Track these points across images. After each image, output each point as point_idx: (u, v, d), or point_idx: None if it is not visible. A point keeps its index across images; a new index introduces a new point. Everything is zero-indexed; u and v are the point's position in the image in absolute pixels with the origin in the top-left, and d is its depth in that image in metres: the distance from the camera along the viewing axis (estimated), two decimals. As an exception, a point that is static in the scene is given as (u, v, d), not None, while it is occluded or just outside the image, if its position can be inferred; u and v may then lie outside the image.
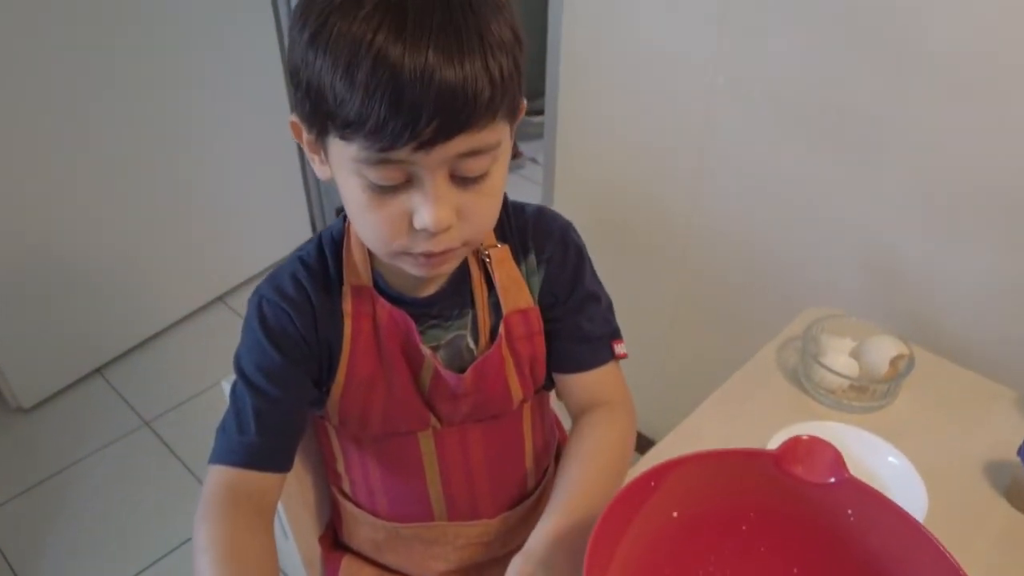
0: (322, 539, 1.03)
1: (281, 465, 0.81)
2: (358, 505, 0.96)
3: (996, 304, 1.22)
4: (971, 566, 0.60)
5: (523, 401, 0.91)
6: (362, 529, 0.97)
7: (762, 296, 1.54)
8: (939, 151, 1.19)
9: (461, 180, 0.69)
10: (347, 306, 0.83)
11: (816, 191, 1.37)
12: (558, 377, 0.93)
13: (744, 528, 0.74)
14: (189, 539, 1.78)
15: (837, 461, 0.69)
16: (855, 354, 1.02)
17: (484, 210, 0.73)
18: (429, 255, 0.72)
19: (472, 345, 0.86)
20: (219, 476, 0.77)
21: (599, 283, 0.94)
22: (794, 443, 0.70)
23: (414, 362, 0.84)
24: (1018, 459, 0.88)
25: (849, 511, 0.69)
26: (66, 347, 2.19)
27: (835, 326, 1.07)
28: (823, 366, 0.99)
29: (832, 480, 0.69)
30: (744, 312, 1.59)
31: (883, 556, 0.68)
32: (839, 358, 1.00)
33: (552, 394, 1.00)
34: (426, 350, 0.83)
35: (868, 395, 1.00)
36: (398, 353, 0.83)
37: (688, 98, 1.47)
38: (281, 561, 1.06)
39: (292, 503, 0.98)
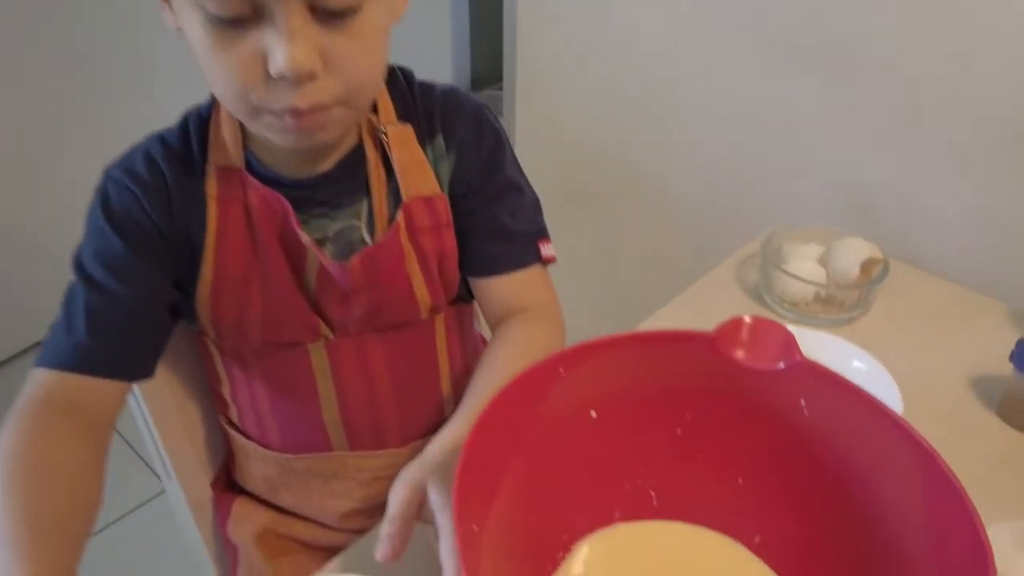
0: (215, 482, 0.90)
1: (120, 372, 0.67)
2: (247, 436, 0.83)
3: (982, 235, 1.10)
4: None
5: (434, 311, 0.78)
6: (254, 465, 0.84)
7: (733, 226, 1.42)
8: (919, 75, 1.06)
9: (325, 16, 0.57)
10: (211, 188, 0.69)
11: (789, 118, 1.24)
12: (475, 282, 0.80)
13: (679, 432, 0.61)
14: (113, 522, 1.65)
15: (787, 343, 0.56)
16: (822, 261, 0.89)
17: (357, 56, 0.60)
18: (296, 113, 0.60)
19: (368, 239, 0.73)
20: (40, 380, 0.64)
21: (523, 175, 0.81)
22: (735, 323, 0.57)
23: (295, 256, 0.71)
24: (1012, 367, 0.76)
25: (802, 401, 0.56)
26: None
27: (800, 234, 0.94)
28: (786, 273, 0.86)
29: (781, 366, 0.56)
30: (714, 245, 1.47)
31: (844, 453, 0.55)
32: (804, 264, 0.87)
33: (480, 313, 0.87)
34: (306, 238, 0.69)
35: (837, 306, 0.87)
36: (275, 245, 0.70)
37: (652, 29, 1.34)
38: (169, 505, 0.93)
39: (174, 439, 0.85)
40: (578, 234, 1.76)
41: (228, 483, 0.90)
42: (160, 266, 0.69)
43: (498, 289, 0.78)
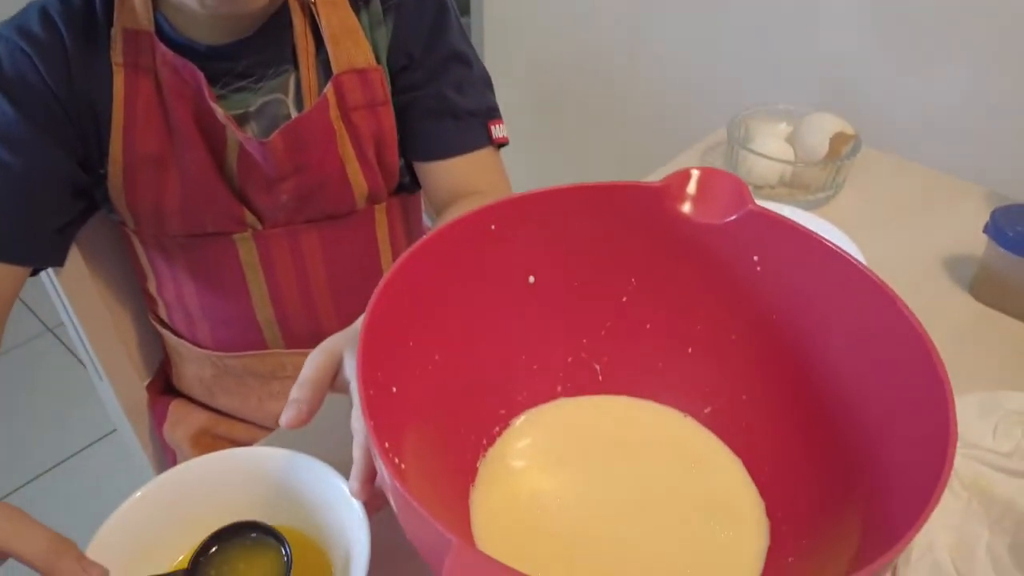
0: (151, 385, 0.85)
1: (13, 255, 0.62)
2: (177, 335, 0.78)
3: (969, 123, 1.05)
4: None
5: (373, 200, 0.72)
6: (188, 366, 0.80)
7: (705, 120, 1.36)
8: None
9: None
10: (116, 55, 0.63)
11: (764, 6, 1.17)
12: (419, 168, 0.74)
13: (624, 300, 0.56)
14: (88, 445, 1.62)
15: (738, 192, 0.51)
16: (790, 140, 0.84)
17: None
18: None
19: (295, 114, 0.67)
20: None
21: (470, 46, 0.74)
22: (682, 175, 0.52)
23: (213, 136, 0.65)
24: (986, 241, 0.71)
25: (755, 257, 0.51)
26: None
27: (767, 113, 0.88)
28: (752, 152, 0.81)
29: (733, 218, 0.51)
30: (686, 140, 1.42)
31: (799, 309, 0.50)
32: (771, 143, 0.82)
33: (424, 204, 0.82)
34: (221, 113, 0.63)
35: (805, 187, 0.82)
36: (190, 122, 0.64)
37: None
38: (104, 409, 0.88)
39: (105, 339, 0.80)
40: (551, 144, 1.70)
41: (165, 386, 0.85)
42: (59, 139, 0.63)
43: (445, 173, 0.73)
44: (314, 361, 0.49)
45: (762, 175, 0.82)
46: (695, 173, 0.52)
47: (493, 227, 0.51)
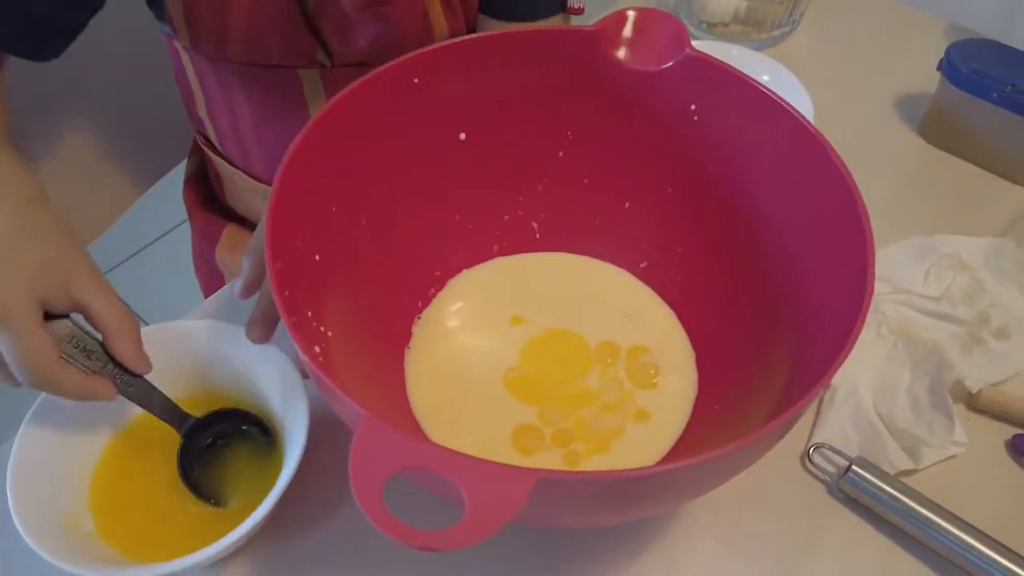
0: (189, 186, 0.81)
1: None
2: (229, 161, 0.74)
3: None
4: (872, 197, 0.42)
5: None
6: (242, 194, 0.76)
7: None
8: None
9: None
10: None
11: None
12: (483, 22, 0.68)
13: (561, 155, 0.54)
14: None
15: (676, 35, 0.48)
16: (747, -24, 0.79)
17: None
18: None
19: None
20: None
21: None
22: (617, 16, 0.49)
23: None
24: (939, 78, 0.69)
25: (692, 106, 0.49)
26: None
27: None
28: (704, -13, 0.76)
29: (670, 64, 0.48)
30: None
31: (736, 160, 0.49)
32: (725, -23, 0.76)
33: None
34: None
35: (760, 24, 0.78)
36: None
37: None
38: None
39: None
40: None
41: (208, 197, 0.81)
42: None
43: None
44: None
45: (715, 12, 0.78)
46: (631, 14, 0.49)
47: (416, 80, 0.48)
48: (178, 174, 0.85)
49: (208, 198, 0.81)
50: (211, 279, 0.82)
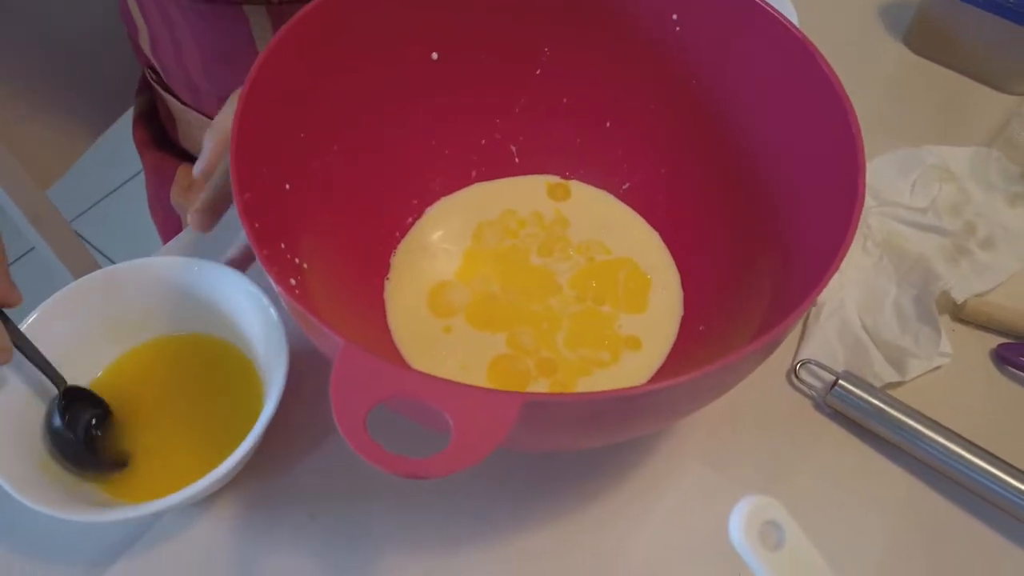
0: (139, 126, 0.78)
1: None
2: (178, 98, 0.71)
3: None
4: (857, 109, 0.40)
5: None
6: (196, 134, 0.72)
7: None
8: None
9: None
10: None
11: None
12: None
13: (538, 73, 0.52)
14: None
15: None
16: None
17: None
18: None
19: None
20: None
21: None
22: (594, -80, 0.46)
23: None
24: (925, -16, 0.67)
25: (674, 16, 0.47)
26: None
27: None
28: None
29: (648, -29, 0.46)
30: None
31: (720, 72, 0.47)
32: None
33: None
34: None
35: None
36: None
37: None
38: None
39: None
40: None
41: (158, 137, 0.78)
42: None
43: None
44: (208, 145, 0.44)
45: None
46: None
47: (383, -6, 0.45)
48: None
49: (159, 137, 0.78)
50: (167, 222, 0.79)
